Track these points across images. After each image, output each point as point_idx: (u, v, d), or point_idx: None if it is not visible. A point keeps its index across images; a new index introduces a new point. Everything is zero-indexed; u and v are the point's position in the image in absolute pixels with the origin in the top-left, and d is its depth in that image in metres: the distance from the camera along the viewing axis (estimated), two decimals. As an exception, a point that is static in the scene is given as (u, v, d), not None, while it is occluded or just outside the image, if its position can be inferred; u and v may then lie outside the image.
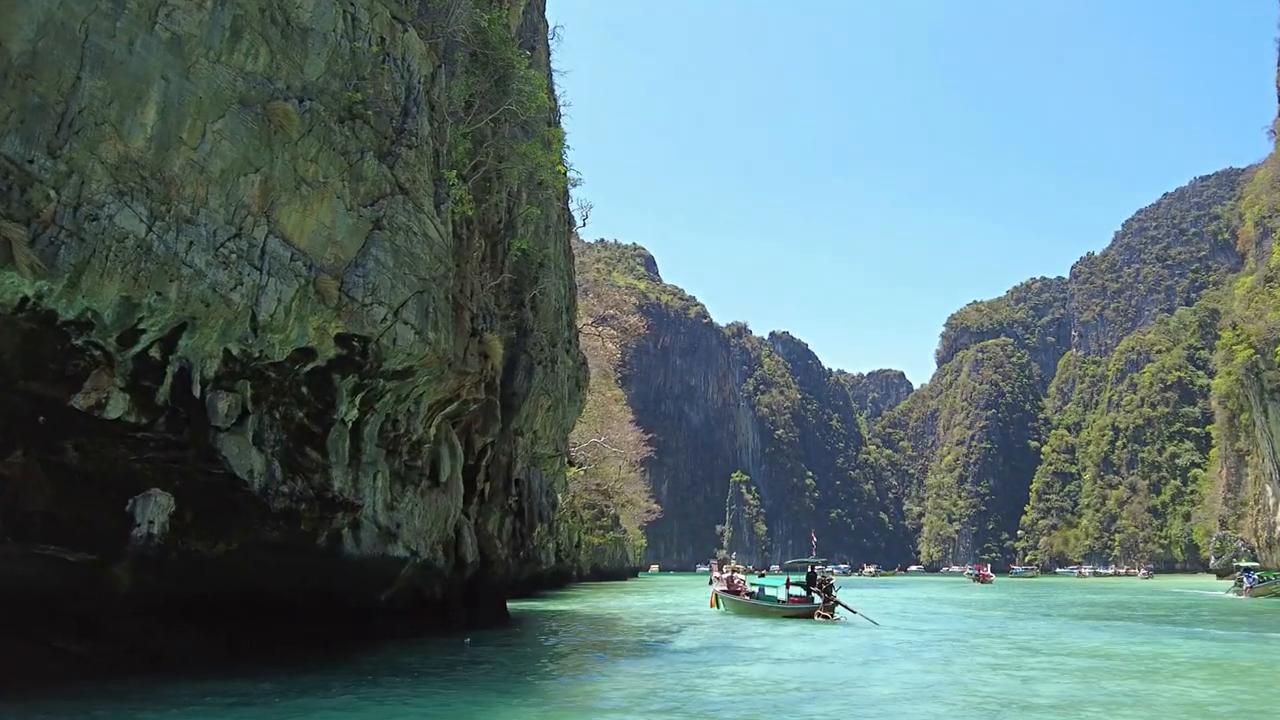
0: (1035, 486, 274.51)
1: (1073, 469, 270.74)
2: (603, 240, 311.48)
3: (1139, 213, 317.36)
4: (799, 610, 33.97)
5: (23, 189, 12.03)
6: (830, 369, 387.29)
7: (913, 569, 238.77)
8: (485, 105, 22.92)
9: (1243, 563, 74.43)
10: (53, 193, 12.45)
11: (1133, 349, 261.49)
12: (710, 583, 49.60)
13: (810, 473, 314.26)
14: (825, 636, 26.86)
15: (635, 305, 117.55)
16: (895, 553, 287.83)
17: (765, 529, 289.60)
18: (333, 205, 16.49)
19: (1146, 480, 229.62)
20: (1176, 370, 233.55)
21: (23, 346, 12.89)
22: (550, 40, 38.57)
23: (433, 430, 20.75)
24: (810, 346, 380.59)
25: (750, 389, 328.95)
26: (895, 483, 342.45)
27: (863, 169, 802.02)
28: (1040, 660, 21.25)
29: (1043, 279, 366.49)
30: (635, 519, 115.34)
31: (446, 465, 21.71)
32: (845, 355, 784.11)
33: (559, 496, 48.49)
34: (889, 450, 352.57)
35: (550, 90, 35.60)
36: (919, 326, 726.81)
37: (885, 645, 24.41)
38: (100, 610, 15.26)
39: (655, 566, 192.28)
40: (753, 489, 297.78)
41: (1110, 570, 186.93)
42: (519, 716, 13.80)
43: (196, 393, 15.03)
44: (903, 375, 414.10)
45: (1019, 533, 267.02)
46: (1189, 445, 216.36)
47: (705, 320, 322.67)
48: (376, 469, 18.78)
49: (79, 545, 14.83)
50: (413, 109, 18.66)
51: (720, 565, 62.62)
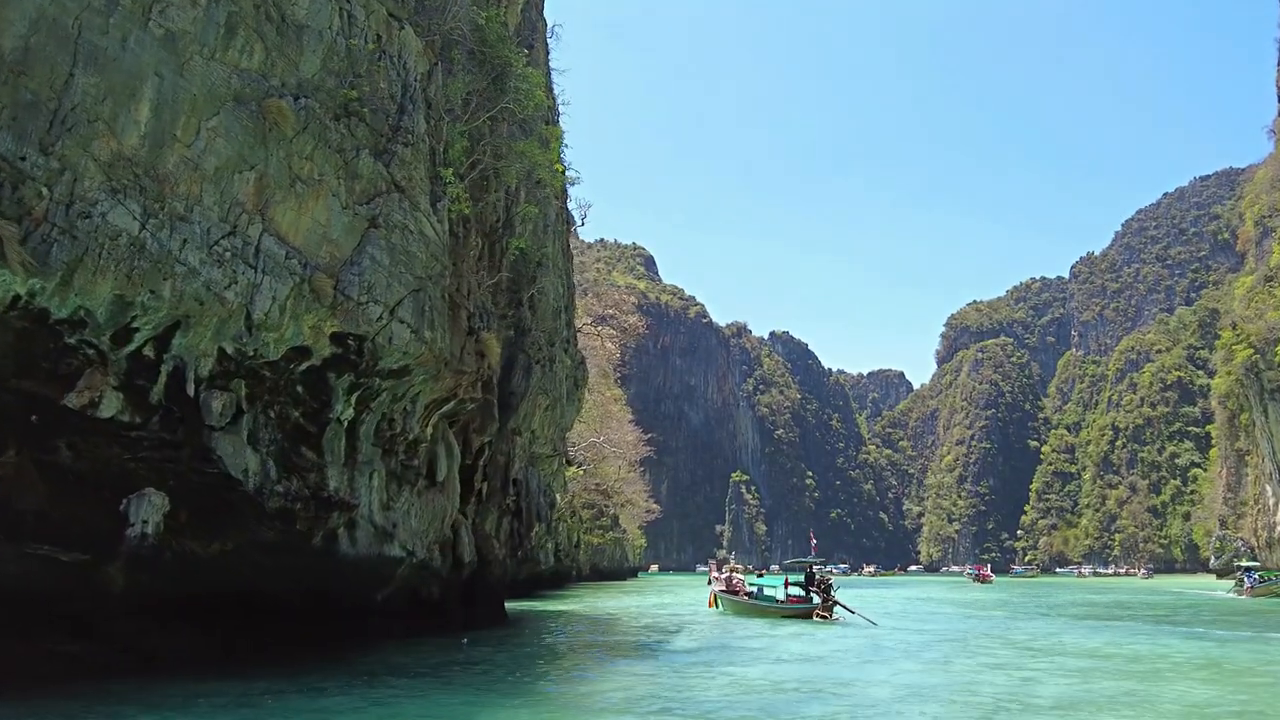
0: (1035, 486, 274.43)
1: (1072, 469, 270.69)
2: (602, 240, 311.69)
3: (1139, 212, 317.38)
4: (797, 610, 33.88)
5: (14, 186, 11.96)
6: (830, 369, 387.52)
7: (912, 569, 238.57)
8: (483, 103, 22.83)
9: (1243, 562, 74.30)
10: (45, 190, 12.38)
11: (1132, 349, 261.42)
12: (709, 583, 49.50)
13: (810, 473, 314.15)
14: (824, 637, 26.77)
15: (634, 305, 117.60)
16: (895, 553, 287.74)
17: (765, 529, 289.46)
18: (328, 203, 16.40)
19: (1146, 480, 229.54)
20: (1176, 370, 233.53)
21: (15, 345, 12.81)
22: (549, 39, 38.53)
23: (429, 430, 20.66)
24: (810, 346, 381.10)
25: (750, 389, 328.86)
26: (895, 483, 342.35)
27: (863, 169, 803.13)
28: (1040, 661, 21.15)
29: (1042, 279, 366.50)
30: (635, 519, 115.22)
31: (443, 465, 21.62)
32: (845, 355, 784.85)
33: (557, 496, 48.40)
34: (889, 450, 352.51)
35: (549, 89, 35.51)
36: (919, 326, 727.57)
37: (884, 645, 24.32)
38: (94, 610, 15.18)
39: (655, 566, 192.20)
40: (752, 489, 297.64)
41: (1110, 570, 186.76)
42: (515, 717, 13.73)
43: (191, 392, 14.96)
44: (902, 375, 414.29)
45: (1019, 533, 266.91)
46: (1189, 445, 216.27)
47: (705, 320, 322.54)
48: (372, 468, 18.69)
49: (72, 545, 14.76)
50: (409, 107, 18.57)
51: (719, 565, 62.52)
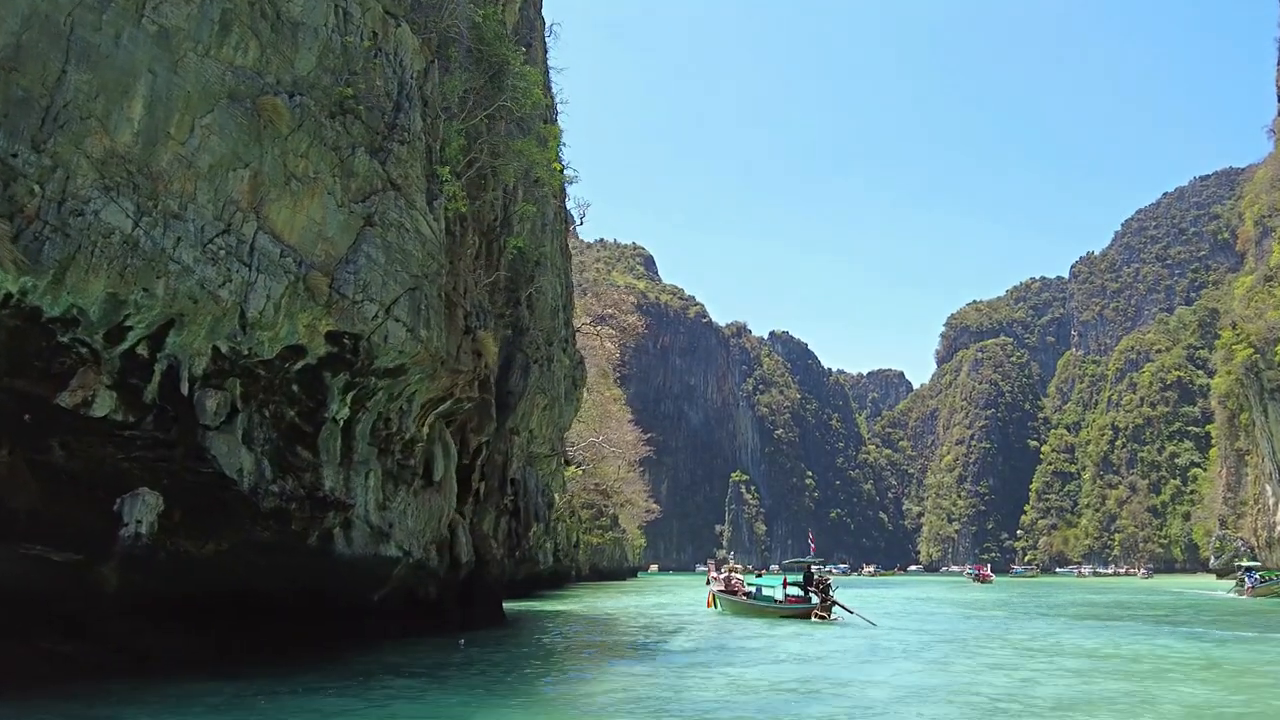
0: (1035, 486, 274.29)
1: (1072, 469, 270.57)
2: (602, 240, 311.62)
3: (1138, 212, 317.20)
4: (796, 610, 33.80)
5: (6, 183, 11.88)
6: (830, 369, 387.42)
7: (912, 569, 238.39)
8: (480, 101, 22.73)
9: (1244, 562, 74.18)
10: (37, 187, 12.30)
11: (1132, 348, 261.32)
12: (707, 583, 49.44)
13: (810, 472, 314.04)
14: (822, 637, 26.69)
15: (634, 305, 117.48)
16: (895, 552, 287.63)
17: (765, 529, 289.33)
18: (323, 201, 16.32)
19: (1146, 480, 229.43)
20: (1176, 370, 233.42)
21: (7, 343, 12.73)
22: (547, 37, 38.44)
23: (426, 429, 20.57)
24: (810, 346, 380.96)
25: (750, 389, 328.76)
26: (895, 482, 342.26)
27: (863, 169, 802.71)
28: (1040, 661, 21.07)
29: (1042, 279, 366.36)
30: (634, 519, 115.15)
31: (440, 464, 21.53)
32: (845, 355, 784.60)
33: (556, 496, 48.32)
34: (888, 450, 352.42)
35: (546, 87, 35.42)
36: (919, 326, 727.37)
37: (883, 646, 24.24)
38: (87, 611, 15.09)
39: (655, 566, 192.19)
40: (752, 489, 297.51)
41: (1110, 570, 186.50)
42: (510, 718, 13.64)
43: (185, 391, 14.88)
44: (902, 375, 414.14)
45: (1019, 532, 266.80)
46: (1189, 445, 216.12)
47: (705, 320, 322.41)
48: (368, 468, 18.60)
49: (65, 545, 14.66)
50: (405, 104, 18.49)
51: (718, 565, 62.41)
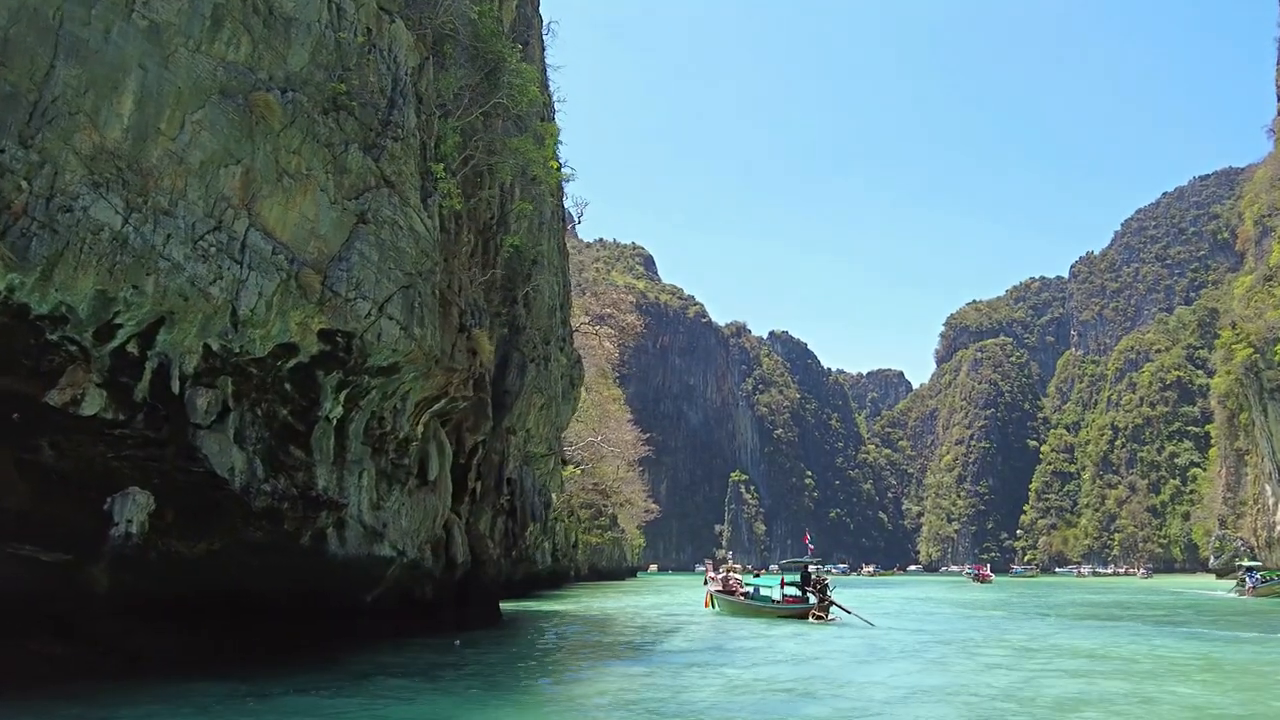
0: (1034, 486, 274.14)
1: (1072, 468, 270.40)
2: (601, 240, 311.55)
3: (1138, 212, 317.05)
4: (794, 611, 33.67)
5: (-8, 179, 11.74)
6: (829, 368, 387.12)
7: (912, 569, 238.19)
8: (475, 98, 22.60)
9: (1244, 562, 74.05)
10: (24, 183, 12.17)
11: (1132, 348, 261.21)
12: (705, 583, 49.32)
13: (809, 472, 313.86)
14: (820, 638, 26.56)
15: (633, 304, 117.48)
16: (894, 552, 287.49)
17: (764, 529, 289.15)
18: (316, 198, 16.19)
19: (1146, 480, 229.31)
20: (1176, 369, 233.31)
21: (-6, 341, 12.59)
22: (544, 35, 38.33)
23: (420, 428, 20.43)
24: (809, 346, 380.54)
25: (749, 388, 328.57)
26: (894, 482, 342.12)
27: (863, 169, 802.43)
28: (1039, 661, 20.94)
29: (1042, 278, 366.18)
30: (633, 518, 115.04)
31: (435, 464, 21.39)
32: (844, 355, 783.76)
33: (553, 496, 48.17)
34: (888, 450, 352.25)
35: (544, 85, 35.30)
36: (918, 326, 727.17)
37: (881, 646, 24.11)
38: (77, 611, 14.96)
39: (654, 566, 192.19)
40: (752, 489, 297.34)
41: (1109, 570, 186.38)
42: (503, 719, 13.52)
43: (176, 389, 14.73)
44: (902, 375, 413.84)
45: (1018, 532, 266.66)
46: (1188, 445, 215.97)
47: (704, 320, 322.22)
48: (362, 467, 18.46)
49: (55, 545, 14.55)
50: (399, 101, 18.35)
51: (716, 565, 62.29)
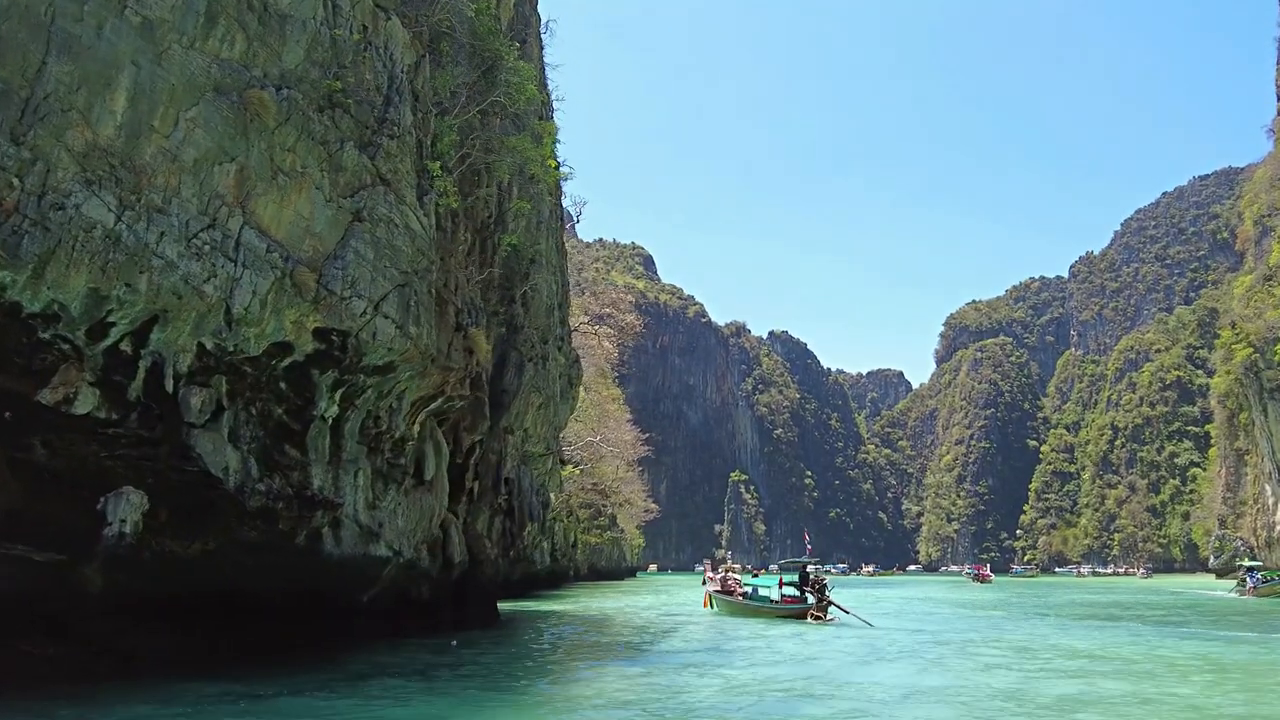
0: (1034, 486, 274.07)
1: (1071, 468, 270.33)
2: (601, 239, 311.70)
3: (1138, 212, 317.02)
4: (792, 611, 33.60)
5: (-17, 176, 11.65)
6: (829, 368, 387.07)
7: (911, 569, 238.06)
8: (473, 96, 22.51)
9: (1245, 562, 73.96)
10: (16, 180, 12.08)
11: (1132, 348, 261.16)
12: (704, 583, 49.25)
13: (809, 472, 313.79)
14: (819, 638, 26.47)
15: (632, 304, 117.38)
16: (894, 552, 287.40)
17: (764, 528, 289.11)
18: (311, 196, 16.09)
19: (1145, 480, 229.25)
20: (1175, 369, 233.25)
21: (-14, 339, 12.50)
22: (543, 34, 38.21)
23: (416, 427, 20.33)
24: (809, 346, 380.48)
25: (749, 388, 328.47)
26: (894, 482, 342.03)
27: (863, 169, 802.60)
28: (1039, 661, 20.85)
29: (1042, 278, 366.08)
30: (633, 518, 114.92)
31: (431, 463, 21.30)
32: (844, 355, 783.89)
33: (552, 496, 48.06)
34: (888, 450, 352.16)
35: (542, 84, 35.21)
36: (918, 326, 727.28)
37: (880, 646, 24.02)
38: (70, 611, 14.86)
39: (654, 566, 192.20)
40: (751, 488, 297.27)
41: (1109, 570, 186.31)
42: (499, 719, 13.45)
43: (169, 388, 14.63)
44: (901, 375, 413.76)
45: (1018, 532, 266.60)
46: (1188, 444, 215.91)
47: (704, 320, 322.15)
48: (357, 467, 18.36)
49: (48, 545, 14.44)
50: (395, 98, 18.25)
51: (715, 565, 62.21)
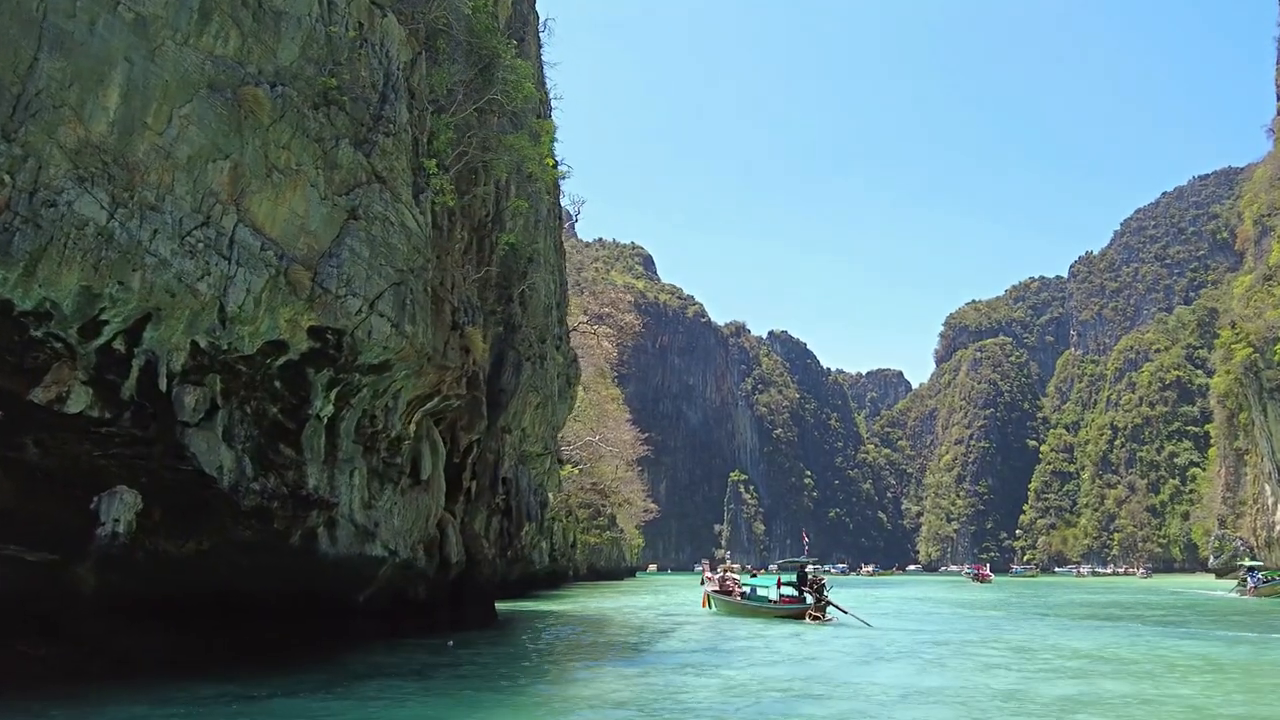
0: (1034, 486, 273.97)
1: (1071, 468, 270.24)
2: (601, 239, 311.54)
3: (1138, 212, 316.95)
4: (791, 611, 33.52)
5: (-27, 173, 11.56)
6: (829, 368, 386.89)
7: (911, 568, 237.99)
8: (469, 94, 22.43)
9: (1246, 562, 73.87)
10: (7, 177, 12.00)
11: (1131, 348, 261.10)
12: (702, 583, 49.18)
13: (809, 472, 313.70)
14: (817, 638, 26.39)
15: (631, 304, 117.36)
16: (894, 552, 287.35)
17: (763, 528, 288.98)
18: (306, 194, 15.99)
19: (1145, 479, 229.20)
20: (1175, 369, 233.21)
21: (-23, 338, 12.41)
22: (540, 33, 38.09)
23: (413, 426, 20.24)
24: (809, 346, 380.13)
25: (749, 388, 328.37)
26: (894, 482, 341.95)
27: (863, 169, 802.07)
28: (1040, 662, 20.77)
29: (1041, 278, 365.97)
30: (632, 518, 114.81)
31: (428, 463, 21.21)
32: (844, 355, 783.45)
33: (550, 495, 47.97)
34: (887, 450, 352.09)
35: (540, 83, 35.12)
36: (918, 326, 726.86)
37: (879, 647, 23.94)
38: (63, 611, 14.77)
39: (653, 566, 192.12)
40: (751, 488, 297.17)
41: (1109, 570, 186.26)
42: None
43: (163, 387, 14.53)
44: (901, 374, 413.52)
45: (1018, 532, 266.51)
46: (1187, 444, 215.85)
47: (703, 319, 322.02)
48: (353, 466, 18.27)
49: (40, 544, 14.36)
50: (391, 96, 18.16)
51: (714, 565, 62.14)
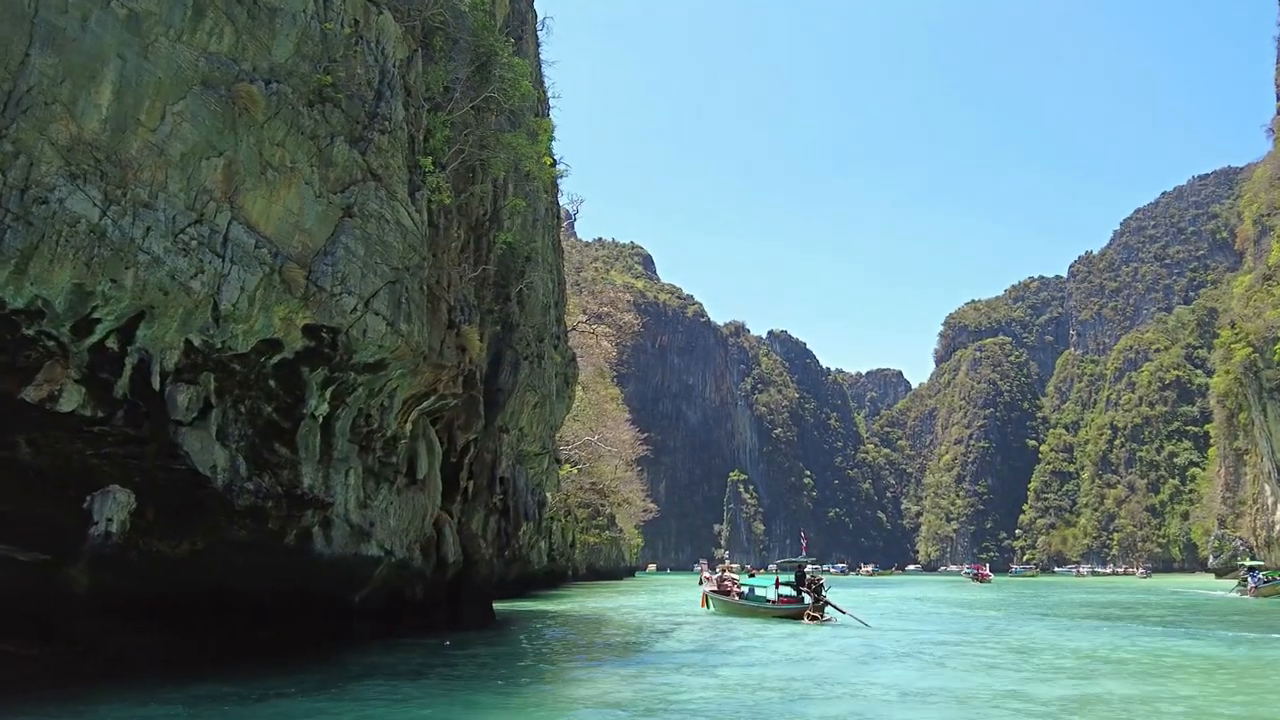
0: (1033, 485, 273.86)
1: (1071, 468, 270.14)
2: (600, 239, 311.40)
3: (1137, 211, 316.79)
4: (789, 611, 33.45)
5: (-37, 169, 11.47)
6: (828, 368, 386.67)
7: (911, 568, 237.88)
8: (466, 92, 22.34)
9: (1247, 562, 73.75)
10: (-2, 174, 11.90)
11: (1131, 348, 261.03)
12: (700, 583, 49.12)
13: (808, 472, 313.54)
14: (815, 638, 26.32)
15: (630, 303, 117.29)
16: (893, 552, 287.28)
17: (763, 528, 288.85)
18: (300, 191, 15.91)
19: (1145, 479, 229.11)
20: (1175, 369, 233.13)
21: (-32, 336, 12.32)
22: (539, 31, 37.98)
23: (409, 426, 20.15)
24: (808, 345, 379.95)
25: (748, 388, 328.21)
26: (893, 482, 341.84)
27: (862, 169, 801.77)
28: (1040, 662, 20.69)
29: (1041, 278, 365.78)
30: (632, 518, 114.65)
31: (424, 462, 21.11)
32: (843, 354, 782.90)
33: (548, 495, 47.87)
34: (887, 449, 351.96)
35: (538, 81, 35.03)
36: (917, 326, 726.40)
37: (877, 647, 23.86)
38: (55, 612, 14.68)
39: (653, 566, 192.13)
40: (750, 488, 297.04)
41: (1108, 569, 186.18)
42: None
43: (156, 385, 14.45)
44: (901, 374, 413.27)
45: (1017, 532, 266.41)
46: (1187, 444, 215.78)
47: (703, 319, 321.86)
48: (348, 465, 18.18)
49: (33, 544, 14.27)
50: (386, 93, 18.07)
51: (713, 565, 62.09)
